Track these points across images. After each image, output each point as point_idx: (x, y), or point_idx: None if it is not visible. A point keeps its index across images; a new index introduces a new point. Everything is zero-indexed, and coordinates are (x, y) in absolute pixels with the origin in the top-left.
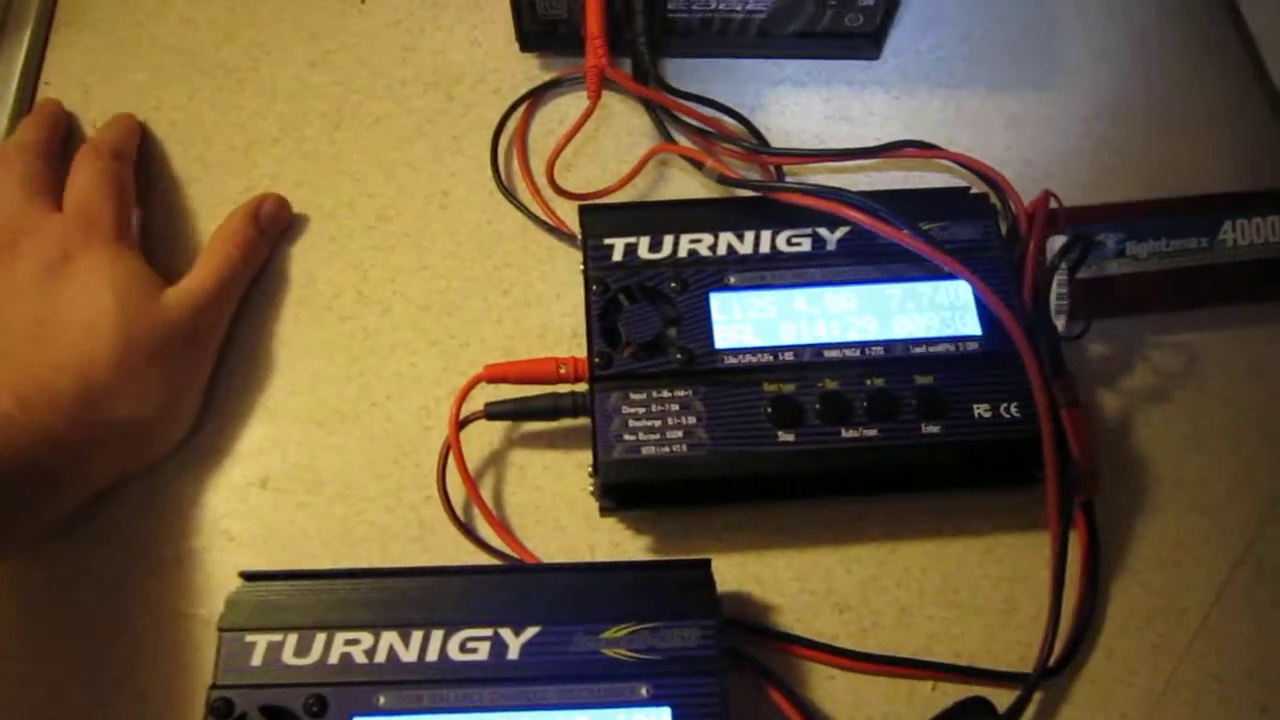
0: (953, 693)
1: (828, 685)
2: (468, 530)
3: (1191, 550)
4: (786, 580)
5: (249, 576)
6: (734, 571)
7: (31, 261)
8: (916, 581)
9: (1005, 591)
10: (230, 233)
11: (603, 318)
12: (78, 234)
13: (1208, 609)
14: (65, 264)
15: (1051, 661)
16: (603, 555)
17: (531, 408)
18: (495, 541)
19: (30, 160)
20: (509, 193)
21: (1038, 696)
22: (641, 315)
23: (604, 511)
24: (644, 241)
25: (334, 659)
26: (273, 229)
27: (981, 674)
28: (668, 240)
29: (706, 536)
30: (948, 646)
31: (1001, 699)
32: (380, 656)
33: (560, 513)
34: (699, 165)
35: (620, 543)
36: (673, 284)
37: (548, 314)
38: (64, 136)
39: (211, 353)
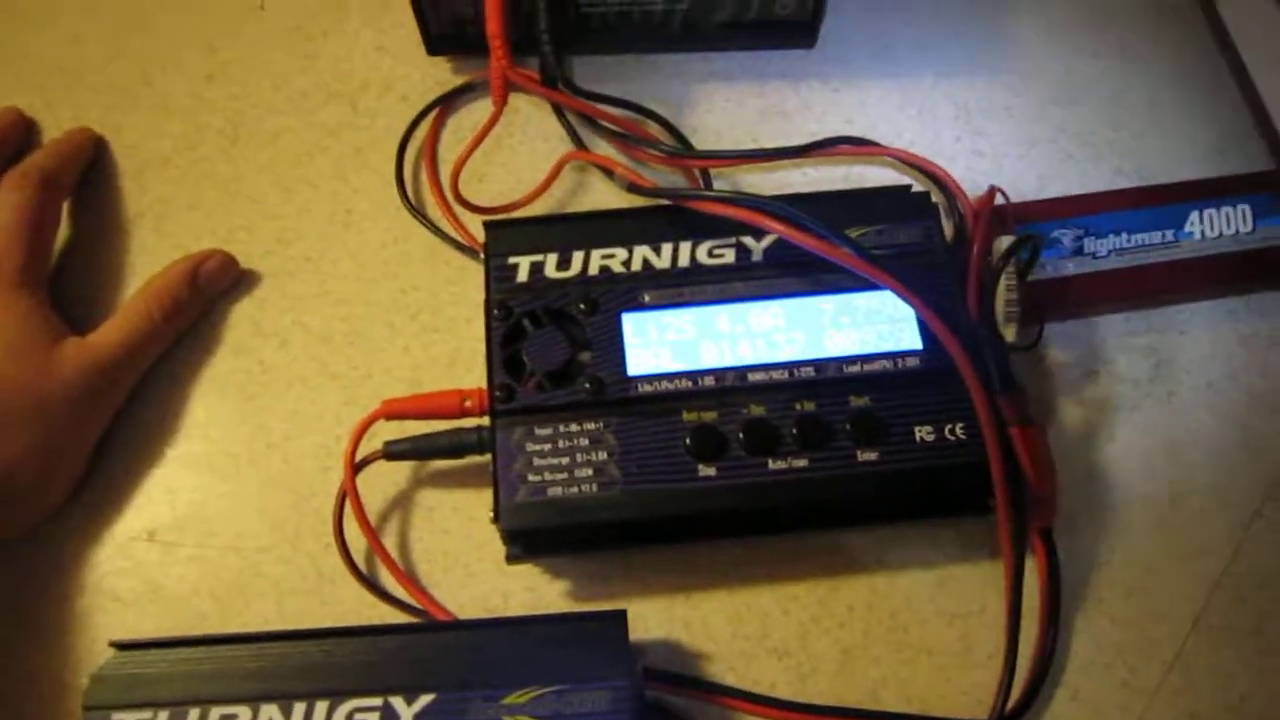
0: None
1: None
2: (369, 582)
3: (1163, 575)
4: (718, 625)
5: (121, 646)
6: (660, 617)
7: None
8: (861, 621)
9: (959, 629)
10: (159, 290)
11: (505, 345)
12: None
13: (1182, 640)
14: None
15: (1010, 705)
16: (517, 603)
17: (433, 446)
18: (399, 593)
19: None
20: (416, 209)
21: None
22: (547, 342)
23: (511, 559)
24: (551, 259)
25: None
26: (212, 290)
27: None
28: (577, 256)
29: (629, 579)
30: (896, 692)
31: None
32: None
33: (470, 558)
34: (609, 173)
35: (536, 588)
36: (581, 305)
37: (458, 340)
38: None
39: (105, 417)
